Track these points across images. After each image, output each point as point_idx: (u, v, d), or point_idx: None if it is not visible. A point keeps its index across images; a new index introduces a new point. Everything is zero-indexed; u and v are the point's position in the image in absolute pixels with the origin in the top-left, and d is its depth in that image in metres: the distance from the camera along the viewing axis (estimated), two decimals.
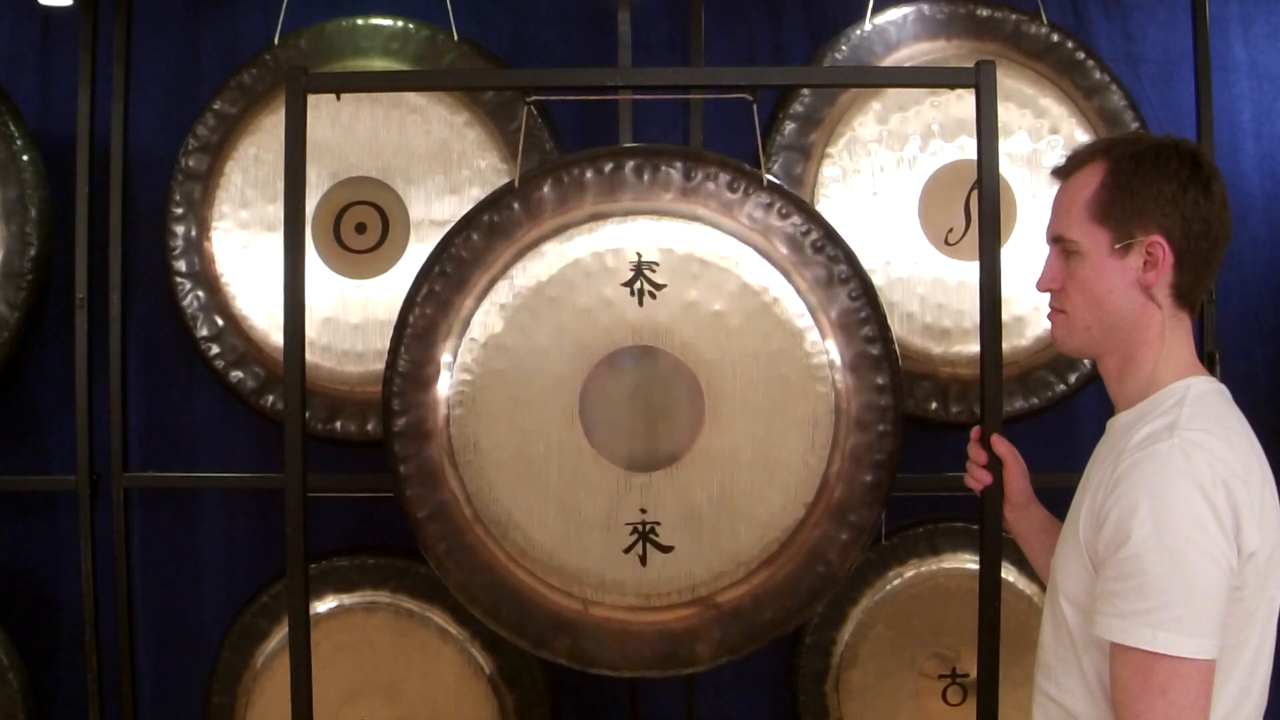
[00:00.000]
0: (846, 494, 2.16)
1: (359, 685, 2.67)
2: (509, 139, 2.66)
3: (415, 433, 2.18)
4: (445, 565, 2.20)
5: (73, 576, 2.83)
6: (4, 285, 2.66)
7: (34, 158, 2.71)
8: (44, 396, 2.95)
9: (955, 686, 2.72)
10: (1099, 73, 2.69)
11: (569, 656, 2.19)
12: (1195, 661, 1.40)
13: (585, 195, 2.20)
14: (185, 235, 2.69)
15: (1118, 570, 1.45)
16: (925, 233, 2.65)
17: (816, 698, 2.76)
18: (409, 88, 2.62)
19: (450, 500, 2.18)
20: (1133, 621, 1.42)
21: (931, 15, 2.71)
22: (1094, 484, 1.56)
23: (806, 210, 2.21)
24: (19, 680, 2.73)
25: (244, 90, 2.70)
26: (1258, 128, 2.99)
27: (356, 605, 2.70)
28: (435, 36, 2.73)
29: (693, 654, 2.18)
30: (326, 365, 2.66)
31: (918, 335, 2.65)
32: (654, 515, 2.16)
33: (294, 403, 2.07)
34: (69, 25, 2.86)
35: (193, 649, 2.96)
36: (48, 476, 2.92)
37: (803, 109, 2.68)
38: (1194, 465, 1.44)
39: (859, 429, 2.16)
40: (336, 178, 2.67)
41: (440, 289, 2.19)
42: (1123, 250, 1.56)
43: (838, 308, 2.17)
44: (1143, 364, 1.59)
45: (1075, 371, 2.66)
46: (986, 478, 1.94)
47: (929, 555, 2.75)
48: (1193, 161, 1.56)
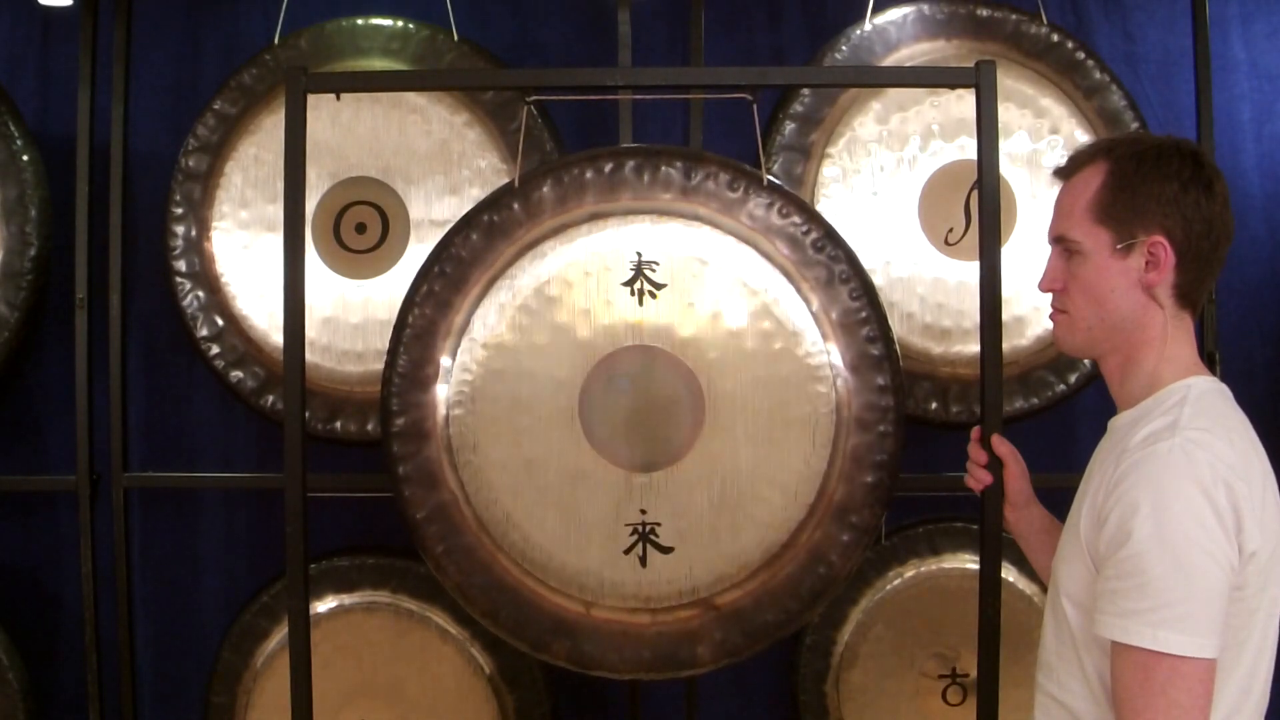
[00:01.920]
0: (847, 495, 2.16)
1: (359, 685, 2.67)
2: (509, 139, 2.66)
3: (414, 433, 2.17)
4: (444, 566, 2.19)
5: (73, 576, 2.83)
6: (4, 285, 2.66)
7: (34, 158, 2.72)
8: (44, 396, 2.95)
9: (955, 686, 2.72)
10: (1099, 73, 2.69)
11: (568, 659, 2.19)
12: (1196, 661, 1.40)
13: (585, 195, 2.20)
14: (185, 235, 2.69)
15: (1119, 569, 1.45)
16: (925, 233, 2.65)
17: (816, 698, 2.76)
18: (409, 88, 2.62)
19: (449, 501, 2.18)
20: (1134, 621, 1.42)
21: (931, 15, 2.71)
22: (1095, 483, 1.56)
23: (807, 210, 2.21)
24: (19, 680, 2.72)
25: (244, 90, 2.70)
26: (1258, 128, 2.99)
27: (356, 605, 2.70)
28: (435, 36, 2.72)
29: (693, 656, 2.18)
30: (326, 365, 2.66)
31: (918, 335, 2.65)
32: (654, 516, 2.16)
33: (294, 403, 2.07)
34: (69, 25, 2.86)
35: (193, 649, 2.96)
36: (48, 476, 2.92)
37: (803, 109, 2.68)
38: (1195, 464, 1.44)
39: (860, 429, 2.16)
40: (336, 178, 2.66)
41: (440, 289, 2.18)
42: (1124, 250, 1.56)
43: (838, 308, 2.17)
44: (1144, 364, 1.59)
45: (1075, 371, 2.66)
46: (986, 478, 1.94)
47: (929, 555, 2.75)
48: (1194, 161, 1.56)
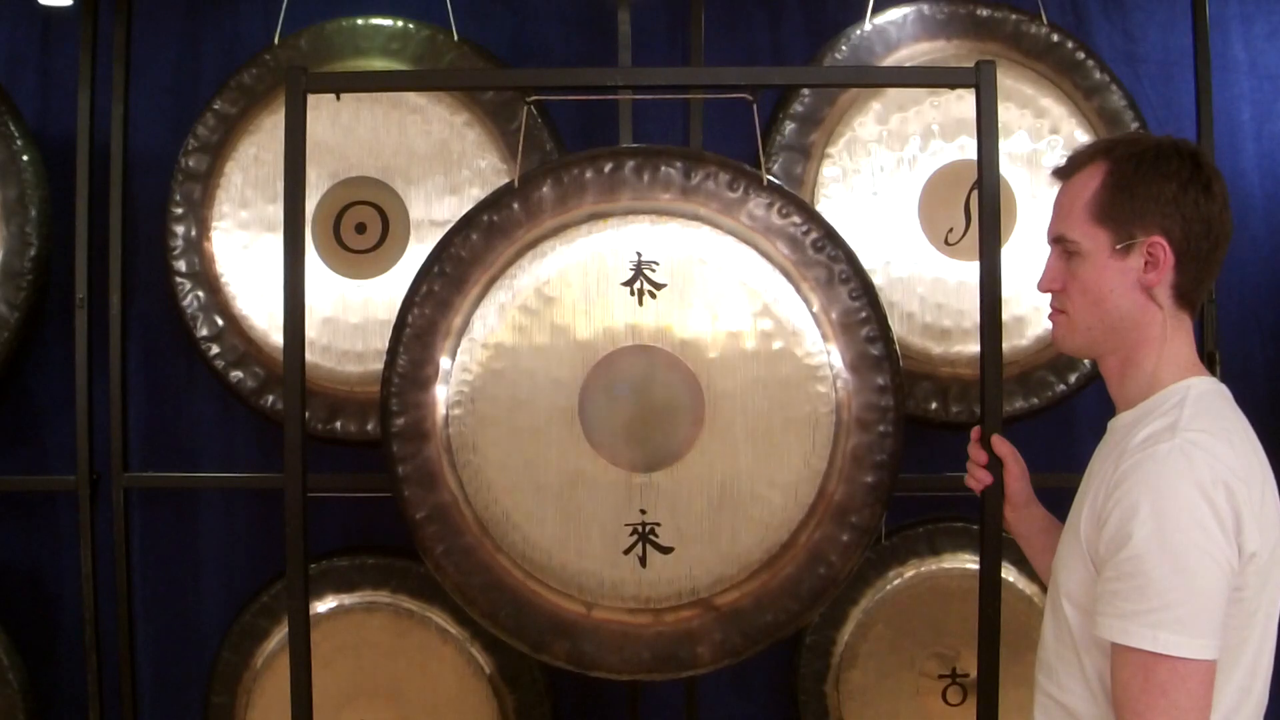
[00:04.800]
0: (847, 495, 2.16)
1: (359, 685, 2.67)
2: (509, 139, 2.65)
3: (414, 433, 2.18)
4: (443, 566, 2.19)
5: (73, 576, 2.83)
6: (4, 285, 2.66)
7: (34, 158, 2.71)
8: (44, 396, 2.95)
9: (955, 686, 2.72)
10: (1099, 73, 2.69)
11: (568, 659, 2.19)
12: (1196, 662, 1.40)
13: (585, 195, 2.20)
14: (185, 235, 2.69)
15: (1119, 570, 1.45)
16: (925, 233, 2.65)
17: (816, 698, 2.76)
18: (409, 88, 2.61)
19: (449, 501, 2.18)
20: (1134, 622, 1.42)
21: (931, 15, 2.71)
22: (1095, 484, 1.56)
23: (806, 210, 2.21)
24: (19, 680, 2.72)
25: (244, 90, 2.69)
26: (1258, 128, 2.99)
27: (356, 605, 2.70)
28: (435, 36, 2.72)
29: (693, 656, 2.18)
30: (326, 365, 2.65)
31: (918, 335, 2.65)
32: (654, 516, 2.16)
33: (294, 403, 2.07)
34: (69, 25, 2.86)
35: (193, 649, 2.95)
36: (48, 476, 2.91)
37: (803, 109, 2.68)
38: (1195, 466, 1.44)
39: (860, 429, 2.16)
40: (336, 178, 2.66)
41: (439, 289, 2.18)
42: (1124, 251, 1.56)
43: (838, 308, 2.17)
44: (1144, 364, 1.59)
45: (1075, 371, 2.66)
46: (986, 478, 1.94)
47: (929, 555, 2.75)
48: (1193, 162, 1.56)
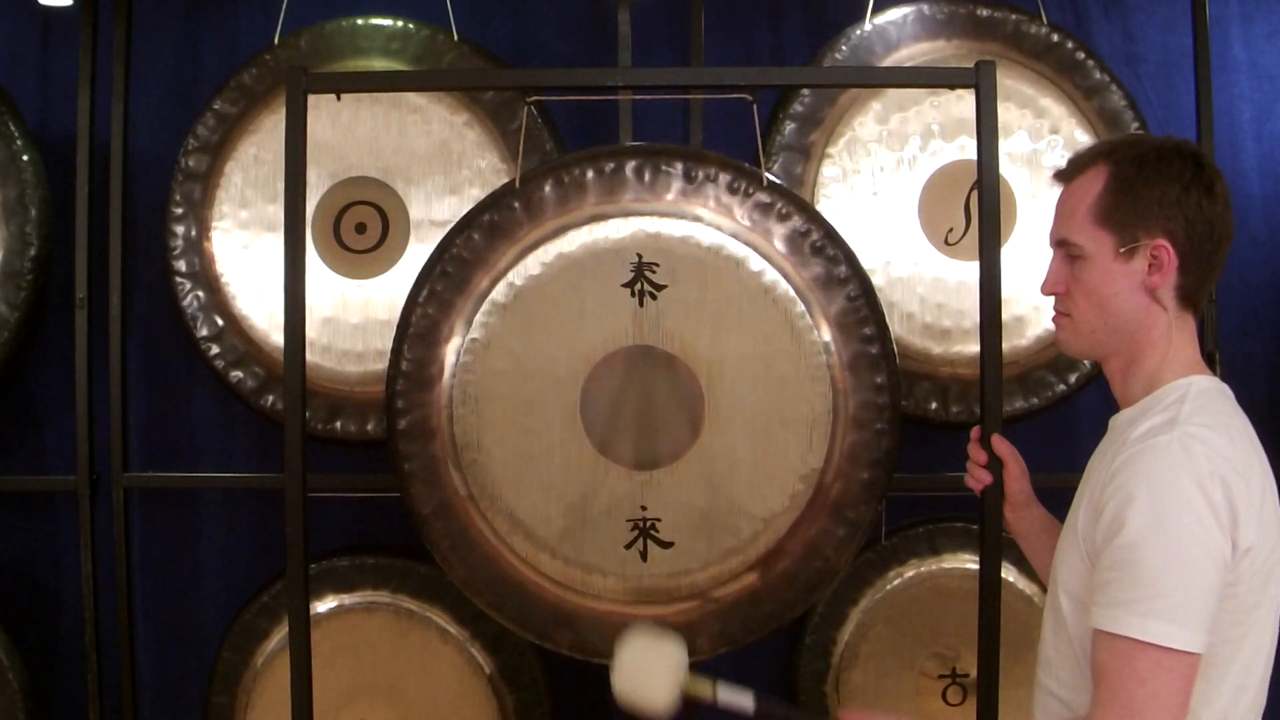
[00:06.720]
0: (844, 491, 2.18)
1: (359, 685, 2.67)
2: (509, 139, 2.65)
3: (419, 432, 2.19)
4: (449, 561, 2.22)
5: (73, 576, 2.83)
6: (4, 285, 2.66)
7: (34, 158, 2.71)
8: (44, 396, 2.95)
9: (955, 686, 2.72)
10: (1099, 73, 2.69)
11: (571, 648, 2.23)
12: (1180, 654, 1.39)
13: (586, 195, 2.20)
14: (185, 235, 2.69)
15: (1112, 559, 1.44)
16: (925, 233, 2.65)
17: (816, 698, 2.76)
18: (409, 88, 2.62)
19: (454, 498, 2.20)
20: (1124, 610, 1.41)
21: (931, 15, 2.71)
22: (1094, 478, 1.56)
23: (807, 210, 2.22)
24: (19, 680, 2.72)
25: (244, 90, 2.69)
26: (1258, 128, 2.99)
27: (356, 605, 2.70)
28: (435, 36, 2.72)
29: (692, 646, 2.19)
30: (326, 365, 2.65)
31: (918, 335, 2.65)
32: (654, 512, 2.17)
33: (294, 403, 2.07)
34: (69, 25, 2.85)
35: (193, 649, 2.95)
36: (48, 476, 2.91)
37: (803, 109, 2.68)
38: (1192, 459, 1.44)
39: (857, 427, 2.17)
40: (336, 178, 2.66)
41: (442, 289, 2.19)
42: (1127, 254, 1.56)
43: (837, 307, 2.18)
44: (1147, 365, 1.59)
45: (1075, 371, 2.66)
46: (986, 478, 1.94)
47: (929, 555, 2.75)
48: (1195, 163, 1.56)
